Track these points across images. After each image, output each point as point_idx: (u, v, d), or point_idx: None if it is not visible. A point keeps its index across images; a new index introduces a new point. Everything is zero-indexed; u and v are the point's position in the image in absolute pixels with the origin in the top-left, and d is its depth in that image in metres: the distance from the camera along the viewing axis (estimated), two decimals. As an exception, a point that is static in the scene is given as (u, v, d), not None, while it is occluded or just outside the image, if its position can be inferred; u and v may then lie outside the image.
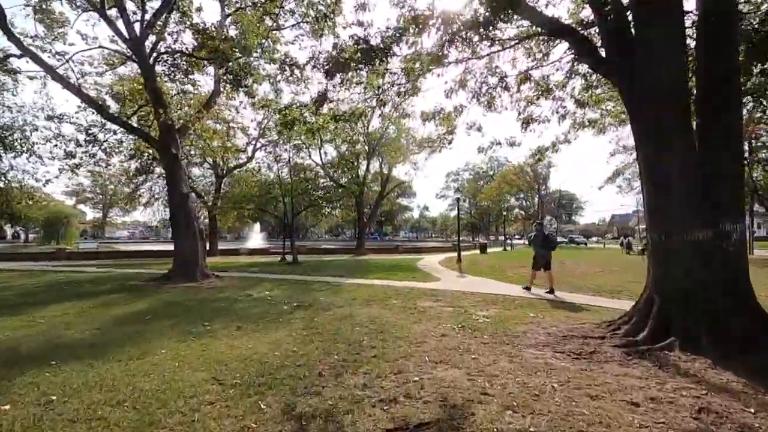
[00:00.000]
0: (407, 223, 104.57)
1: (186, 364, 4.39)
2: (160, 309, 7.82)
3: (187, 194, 12.29)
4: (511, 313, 7.26)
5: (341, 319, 6.69)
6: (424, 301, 8.67)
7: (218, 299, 8.96)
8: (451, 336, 5.54)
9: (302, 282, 12.23)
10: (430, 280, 12.75)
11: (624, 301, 8.54)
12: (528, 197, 67.51)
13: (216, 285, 11.24)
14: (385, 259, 23.22)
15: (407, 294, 9.66)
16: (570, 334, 5.42)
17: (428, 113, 7.91)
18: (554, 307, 7.87)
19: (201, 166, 29.52)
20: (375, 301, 8.62)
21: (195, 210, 12.56)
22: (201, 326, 6.23)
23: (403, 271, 15.47)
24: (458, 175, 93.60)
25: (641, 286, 11.58)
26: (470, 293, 9.85)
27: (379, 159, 31.96)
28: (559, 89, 7.76)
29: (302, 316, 6.96)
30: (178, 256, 12.14)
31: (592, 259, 22.97)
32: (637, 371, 3.98)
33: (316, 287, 10.95)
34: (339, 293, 9.78)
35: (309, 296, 9.25)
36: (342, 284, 11.65)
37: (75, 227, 62.66)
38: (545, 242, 10.20)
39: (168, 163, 12.37)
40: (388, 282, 12.13)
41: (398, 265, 18.64)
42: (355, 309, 7.60)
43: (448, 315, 7.09)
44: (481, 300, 8.83)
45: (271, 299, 8.82)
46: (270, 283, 11.78)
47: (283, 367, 4.22)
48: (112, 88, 17.11)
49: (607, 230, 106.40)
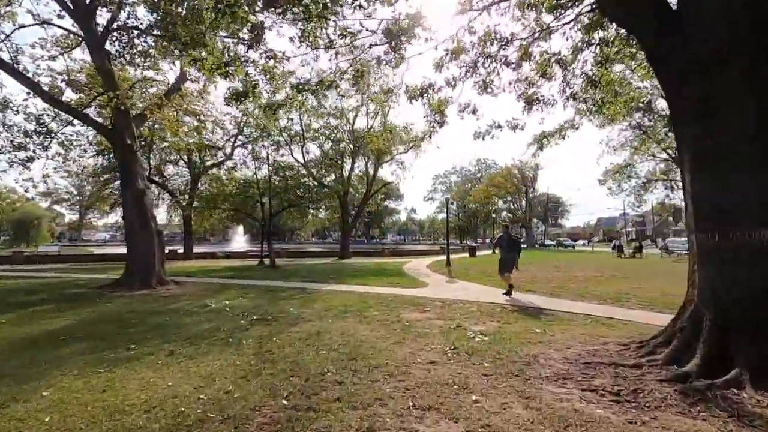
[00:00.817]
0: (395, 226, 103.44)
1: (67, 416, 3.07)
2: (87, 325, 6.43)
3: (143, 190, 10.85)
4: (512, 327, 6.06)
5: (306, 338, 5.41)
6: (410, 312, 7.44)
7: (166, 312, 7.57)
8: (442, 363, 4.32)
9: (274, 289, 10.89)
10: (417, 286, 11.54)
11: (637, 311, 7.44)
12: (516, 200, 66.94)
13: (172, 293, 9.83)
14: (370, 263, 21.95)
15: (390, 303, 8.42)
16: (594, 360, 4.25)
17: (415, 89, 6.70)
18: (562, 320, 6.71)
19: (176, 164, 27.86)
20: (352, 312, 7.35)
21: (152, 208, 11.11)
22: (124, 350, 4.89)
23: (388, 276, 14.22)
24: (446, 178, 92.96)
25: (647, 292, 10.65)
26: (462, 301, 8.66)
27: (365, 158, 30.71)
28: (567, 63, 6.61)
29: (259, 334, 5.65)
30: (132, 259, 10.68)
31: (585, 263, 22.07)
32: (708, 426, 2.80)
33: (287, 295, 9.63)
34: (312, 302, 8.48)
35: (276, 307, 7.93)
36: (318, 291, 10.35)
37: (46, 229, 59.95)
38: (511, 245, 9.77)
39: (122, 154, 10.93)
40: (371, 288, 10.87)
41: (383, 270, 17.40)
42: (327, 324, 6.32)
43: (437, 331, 5.87)
44: (476, 310, 7.64)
45: (229, 311, 7.48)
46: (236, 291, 10.41)
47: (203, 422, 2.94)
48: (69, 75, 15.52)
49: (593, 233, 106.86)
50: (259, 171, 22.32)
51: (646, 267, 18.92)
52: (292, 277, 14.35)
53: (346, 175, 29.39)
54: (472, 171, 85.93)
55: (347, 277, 14.16)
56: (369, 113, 28.34)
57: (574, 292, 10.12)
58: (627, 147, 32.74)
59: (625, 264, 21.27)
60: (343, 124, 27.68)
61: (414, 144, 29.02)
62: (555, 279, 13.06)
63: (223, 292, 10.25)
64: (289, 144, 26.19)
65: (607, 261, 24.35)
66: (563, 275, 14.33)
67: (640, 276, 14.05)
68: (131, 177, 10.76)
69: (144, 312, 7.52)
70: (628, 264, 21.34)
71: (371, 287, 11.25)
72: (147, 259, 10.56)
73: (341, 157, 28.99)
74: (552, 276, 14.09)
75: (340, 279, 13.38)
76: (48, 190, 70.78)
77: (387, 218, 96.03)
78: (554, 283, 11.86)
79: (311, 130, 26.93)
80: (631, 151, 32.69)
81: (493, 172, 71.81)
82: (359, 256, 29.55)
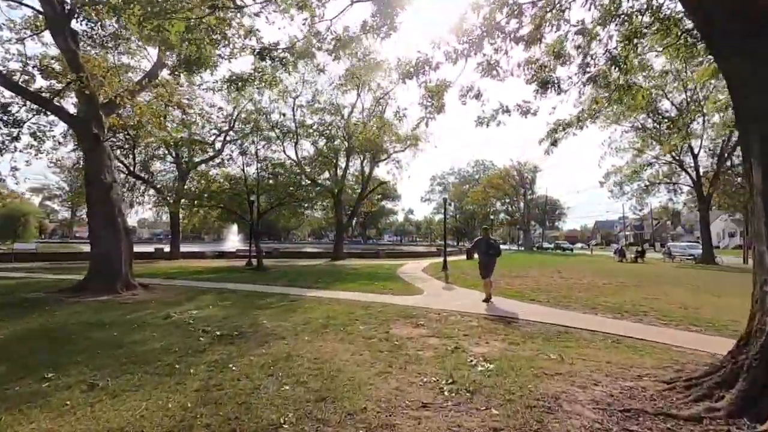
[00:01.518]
0: (391, 227, 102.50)
1: None
2: (16, 341, 5.41)
3: (110, 184, 9.81)
4: (522, 351, 5.09)
5: (272, 364, 4.42)
6: (400, 327, 6.46)
7: (119, 324, 6.55)
8: (437, 408, 3.33)
9: (254, 295, 9.88)
10: (411, 293, 10.56)
11: (661, 329, 6.50)
12: (514, 202, 66.10)
13: (137, 300, 8.80)
14: (363, 265, 20.96)
15: (379, 314, 7.44)
16: (634, 406, 3.28)
17: (409, 66, 5.70)
18: (578, 340, 5.75)
19: (163, 160, 26.78)
20: (334, 326, 6.37)
21: (121, 204, 10.08)
22: (37, 381, 3.88)
23: (381, 281, 13.23)
24: (443, 179, 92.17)
25: (664, 304, 9.35)
26: (460, 313, 7.69)
27: (360, 156, 29.72)
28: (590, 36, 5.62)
29: (215, 358, 4.65)
30: (96, 261, 9.64)
31: (587, 268, 21.15)
32: None
33: (266, 303, 8.62)
34: (291, 313, 7.48)
35: (248, 318, 6.93)
36: (302, 298, 9.35)
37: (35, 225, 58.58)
38: (489, 248, 9.23)
39: (87, 144, 9.89)
40: (360, 295, 9.88)
41: (376, 273, 16.41)
42: (301, 343, 5.33)
43: (432, 354, 4.89)
44: (476, 325, 6.67)
45: (192, 324, 6.47)
46: (211, 296, 9.40)
47: None
48: (41, 62, 14.45)
49: (591, 236, 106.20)
50: (249, 167, 21.28)
51: (653, 273, 18.02)
52: (278, 280, 13.34)
53: (341, 173, 28.41)
54: (470, 172, 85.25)
55: (337, 281, 13.16)
56: (364, 110, 27.37)
57: (582, 302, 9.17)
58: (630, 149, 31.96)
59: (629, 269, 20.37)
60: (338, 121, 26.67)
61: (411, 143, 28.13)
62: (559, 286, 12.11)
63: (195, 298, 9.23)
64: (282, 140, 25.16)
65: (610, 266, 23.45)
66: (567, 282, 13.39)
67: (649, 284, 13.12)
68: (96, 169, 9.72)
69: (92, 324, 6.49)
70: (632, 269, 20.44)
71: (361, 293, 10.26)
72: (112, 261, 9.52)
73: (336, 154, 27.99)
74: (555, 282, 13.14)
75: (329, 284, 12.39)
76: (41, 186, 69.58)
77: (384, 219, 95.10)
78: (559, 291, 10.92)
79: (304, 126, 25.92)
80: (634, 153, 31.90)
81: (491, 173, 70.99)
82: (353, 258, 28.54)
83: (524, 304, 8.84)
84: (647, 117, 28.51)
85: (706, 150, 28.92)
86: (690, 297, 10.18)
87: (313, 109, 25.49)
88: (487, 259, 9.14)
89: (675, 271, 19.34)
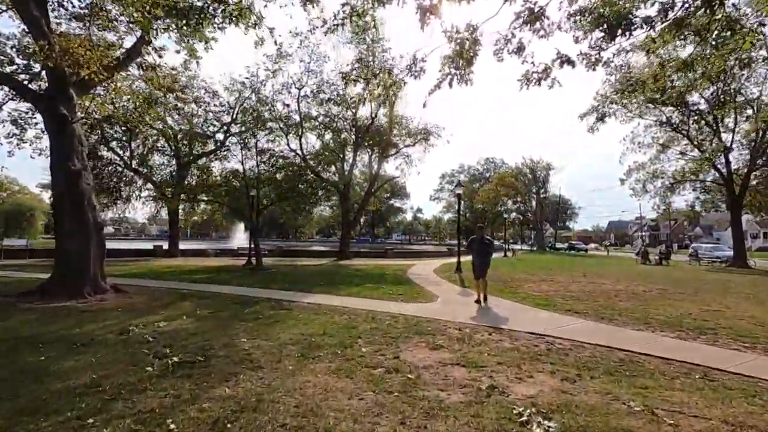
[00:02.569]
0: (400, 225, 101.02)
1: None
2: None
3: (79, 171, 8.52)
4: (584, 395, 3.65)
5: (229, 418, 3.04)
6: (414, 349, 5.07)
7: (60, 340, 5.24)
8: None
9: (241, 300, 8.54)
10: (424, 299, 9.14)
11: (750, 355, 4.99)
12: (526, 200, 64.18)
13: (102, 306, 7.51)
14: (370, 265, 19.56)
15: (388, 329, 6.04)
16: None
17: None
18: (653, 373, 4.28)
19: (163, 154, 25.65)
20: (329, 347, 4.99)
21: (91, 194, 8.79)
22: None
23: (389, 284, 11.83)
24: (453, 177, 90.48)
25: (731, 319, 7.16)
26: (487, 329, 6.26)
27: (368, 151, 28.28)
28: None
29: (152, 405, 3.27)
30: (61, 261, 8.37)
31: (613, 271, 19.52)
32: None
33: (252, 312, 7.27)
34: (279, 326, 6.12)
35: (223, 334, 5.58)
36: (296, 306, 7.98)
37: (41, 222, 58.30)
38: (482, 247, 8.95)
39: (54, 126, 8.62)
40: (365, 302, 8.50)
41: (384, 275, 15.02)
42: (281, 376, 3.95)
43: (460, 400, 3.47)
44: (510, 347, 5.24)
45: (150, 342, 5.12)
46: (191, 303, 8.08)
47: None
48: (20, 41, 13.30)
49: (604, 237, 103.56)
50: (250, 161, 19.99)
51: (689, 278, 16.32)
52: (274, 282, 12.01)
53: (348, 168, 27.03)
54: (480, 170, 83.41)
55: (340, 284, 11.79)
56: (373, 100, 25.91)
57: (629, 314, 7.66)
58: (654, 144, 30.09)
59: (660, 273, 18.69)
60: (344, 112, 25.27)
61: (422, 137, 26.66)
62: (593, 292, 10.59)
63: (172, 305, 7.92)
64: (286, 133, 23.84)
65: (637, 269, 21.75)
66: (600, 287, 11.84)
67: (692, 290, 11.50)
68: (64, 154, 8.43)
69: (25, 341, 5.19)
70: (664, 273, 18.76)
71: (366, 300, 8.88)
72: (80, 261, 8.23)
73: (342, 148, 26.61)
74: (587, 287, 11.61)
75: (331, 287, 11.03)
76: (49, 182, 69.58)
77: (392, 217, 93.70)
78: (596, 299, 9.41)
79: (309, 118, 24.56)
80: (658, 149, 30.02)
81: (502, 170, 69.09)
82: (360, 257, 27.18)
83: (561, 317, 7.37)
84: (675, 109, 26.68)
85: (739, 145, 26.97)
86: (757, 309, 8.61)
87: (319, 101, 24.12)
88: (481, 259, 8.80)
89: (712, 276, 17.62)
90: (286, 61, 22.73)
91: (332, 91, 23.56)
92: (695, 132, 27.43)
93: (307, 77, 23.70)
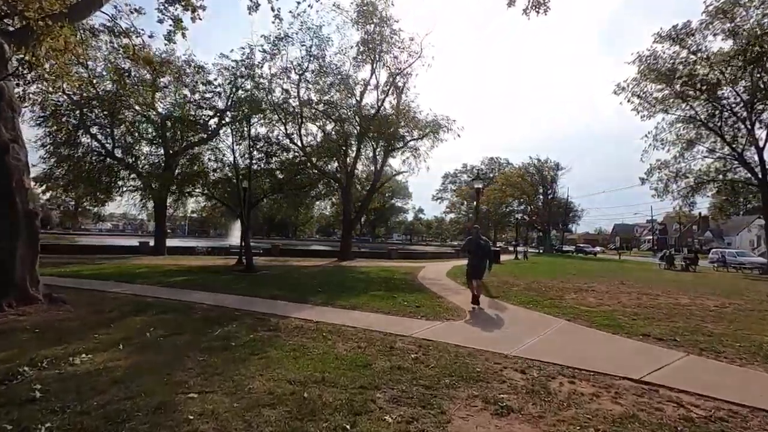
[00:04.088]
0: (401, 226, 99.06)
1: None
2: None
3: (6, 144, 6.52)
4: None
5: None
6: (468, 413, 3.16)
7: None
8: None
9: (214, 316, 6.52)
10: (451, 315, 7.14)
11: None
12: (533, 201, 62.08)
13: (19, 324, 5.47)
14: (375, 267, 17.55)
15: (416, 371, 4.04)
16: None
17: None
18: None
19: (151, 142, 23.60)
20: (330, 415, 2.98)
21: (22, 175, 6.77)
22: None
23: (401, 292, 9.84)
24: (456, 177, 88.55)
25: None
26: (562, 371, 4.25)
27: (372, 144, 26.18)
28: None
29: None
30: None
31: (645, 277, 17.51)
32: None
33: (224, 335, 5.26)
34: (253, 367, 4.09)
35: (162, 386, 3.55)
36: (286, 324, 5.97)
37: (30, 216, 56.06)
38: (479, 249, 8.54)
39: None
40: (376, 320, 6.50)
41: (392, 279, 13.01)
42: None
43: None
44: (622, 412, 3.25)
45: (33, 403, 3.12)
46: (144, 320, 6.06)
47: None
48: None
49: (609, 239, 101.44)
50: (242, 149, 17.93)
51: (742, 288, 14.26)
52: (264, 287, 10.01)
53: (351, 162, 24.97)
54: (484, 170, 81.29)
55: (342, 291, 9.80)
56: (380, 86, 23.91)
57: (735, 344, 5.62)
58: (678, 143, 28.08)
59: (702, 281, 16.66)
60: (347, 99, 23.23)
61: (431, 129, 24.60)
62: (658, 309, 8.54)
63: (118, 321, 5.90)
64: (285, 122, 21.74)
65: (667, 275, 19.73)
66: (657, 301, 9.75)
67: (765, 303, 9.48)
68: (-15, 121, 6.44)
69: None
70: (705, 281, 16.73)
71: (377, 315, 6.89)
72: (4, 260, 6.24)
73: (345, 140, 24.53)
74: (645, 302, 9.53)
75: (331, 295, 9.04)
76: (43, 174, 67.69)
77: (393, 217, 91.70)
78: (670, 318, 7.39)
79: (310, 106, 22.47)
80: (683, 146, 28.00)
81: (507, 170, 66.90)
82: (362, 258, 25.16)
83: (646, 346, 5.37)
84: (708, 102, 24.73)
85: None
86: None
87: (320, 88, 22.07)
88: (477, 261, 8.49)
89: (754, 285, 15.57)
90: (285, 44, 20.80)
91: (335, 76, 21.55)
92: (727, 128, 25.43)
93: (308, 62, 21.68)
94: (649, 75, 26.36)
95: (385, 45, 22.19)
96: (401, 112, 24.64)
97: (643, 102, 27.97)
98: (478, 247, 8.55)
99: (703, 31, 24.38)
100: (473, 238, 8.83)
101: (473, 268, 8.50)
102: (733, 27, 22.99)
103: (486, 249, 8.64)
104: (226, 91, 21.11)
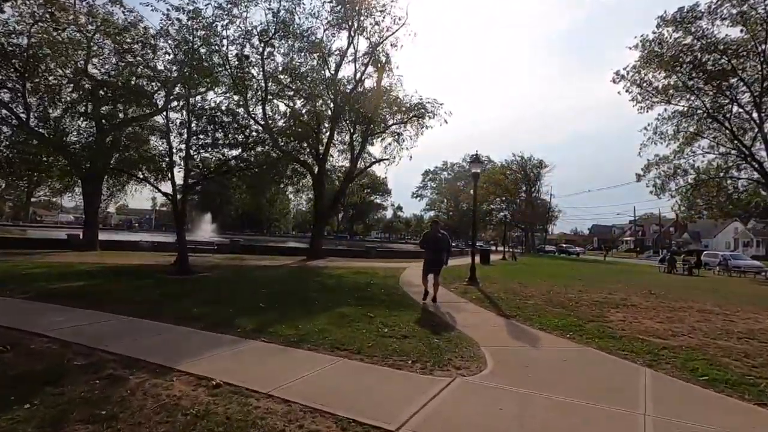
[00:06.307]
0: (380, 223, 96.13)
1: None
2: None
3: None
4: None
5: None
6: None
7: None
8: None
9: (40, 374, 3.40)
10: (459, 362, 4.19)
11: None
12: (517, 200, 60.35)
13: None
14: (349, 269, 14.49)
15: None
16: None
17: None
18: None
19: (83, 116, 19.73)
20: None
21: None
22: None
23: (381, 308, 6.88)
24: (436, 174, 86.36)
25: None
26: None
27: (350, 129, 23.07)
28: None
29: None
30: None
31: (654, 282, 15.17)
32: None
33: None
34: None
35: None
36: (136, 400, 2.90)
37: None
38: (437, 243, 8.23)
39: None
40: (328, 373, 3.50)
41: (370, 287, 10.02)
42: None
43: None
44: None
45: None
46: None
47: None
48: None
49: (587, 240, 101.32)
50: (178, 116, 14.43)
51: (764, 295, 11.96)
52: (181, 300, 6.85)
53: (323, 147, 21.78)
54: (465, 168, 78.85)
55: (294, 306, 6.76)
56: (358, 58, 20.81)
57: None
58: (679, 136, 26.19)
59: (722, 288, 14.41)
60: (321, 71, 20.03)
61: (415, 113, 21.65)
62: (712, 328, 5.91)
63: None
64: (245, 97, 18.33)
65: (682, 281, 17.52)
66: (735, 326, 7.17)
67: None
68: None
69: None
70: (723, 287, 14.51)
71: (332, 362, 3.85)
72: None
73: (318, 122, 21.32)
74: (721, 325, 6.91)
75: (274, 315, 5.97)
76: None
77: (372, 214, 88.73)
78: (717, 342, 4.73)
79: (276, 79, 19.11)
80: (684, 140, 26.13)
81: (490, 168, 64.78)
82: (335, 256, 21.94)
83: None
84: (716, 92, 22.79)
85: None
86: None
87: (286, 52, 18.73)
88: (436, 256, 8.22)
89: None
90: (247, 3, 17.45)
91: (306, 41, 18.33)
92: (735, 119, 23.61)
93: (274, 28, 18.33)
94: (652, 62, 24.33)
95: (364, 9, 19.10)
96: (384, 91, 21.64)
97: (643, 92, 26.07)
98: (436, 241, 8.31)
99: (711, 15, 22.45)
100: (430, 232, 8.63)
101: (430, 262, 8.27)
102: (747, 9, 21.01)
103: (444, 242, 8.40)
104: (176, 57, 17.54)
